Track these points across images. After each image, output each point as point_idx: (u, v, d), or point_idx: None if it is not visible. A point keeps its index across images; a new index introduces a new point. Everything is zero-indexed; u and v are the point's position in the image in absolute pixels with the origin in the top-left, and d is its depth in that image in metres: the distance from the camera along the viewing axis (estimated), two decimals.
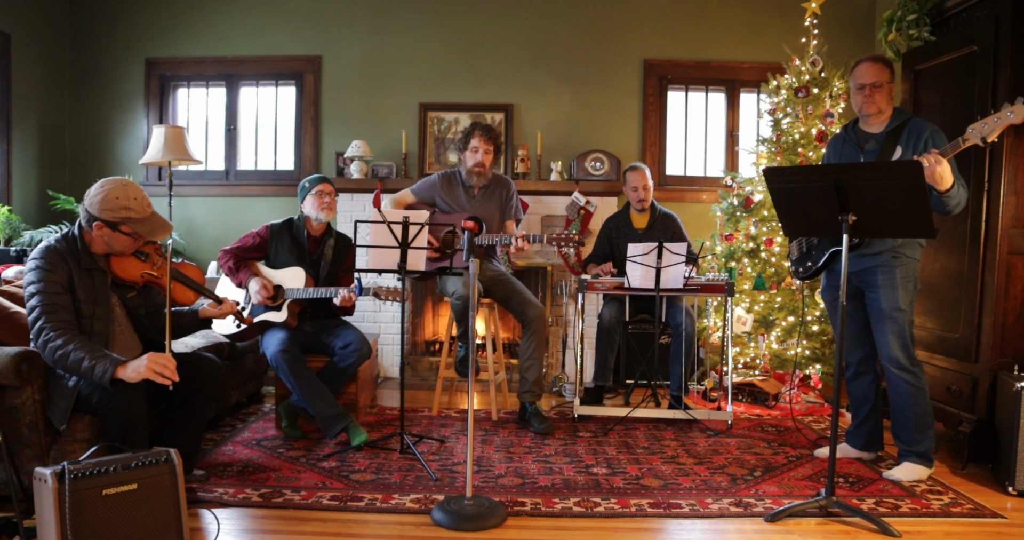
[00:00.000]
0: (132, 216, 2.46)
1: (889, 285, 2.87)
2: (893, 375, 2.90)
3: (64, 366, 2.33)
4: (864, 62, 2.93)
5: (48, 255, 2.42)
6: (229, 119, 5.26)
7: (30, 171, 4.84)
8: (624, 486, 2.80)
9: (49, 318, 2.35)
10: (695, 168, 5.26)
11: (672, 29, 5.09)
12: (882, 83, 2.89)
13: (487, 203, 3.80)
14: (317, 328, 3.45)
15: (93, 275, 2.51)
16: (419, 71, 5.08)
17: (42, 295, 2.37)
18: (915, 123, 2.88)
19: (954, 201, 2.69)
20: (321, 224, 3.50)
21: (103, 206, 2.44)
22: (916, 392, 2.87)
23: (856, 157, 2.98)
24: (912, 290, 2.91)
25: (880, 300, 2.89)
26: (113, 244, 2.52)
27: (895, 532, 2.36)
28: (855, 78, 2.95)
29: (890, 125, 2.92)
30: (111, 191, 2.45)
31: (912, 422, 2.89)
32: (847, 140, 3.05)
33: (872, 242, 2.89)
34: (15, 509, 2.08)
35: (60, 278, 2.41)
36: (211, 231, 5.12)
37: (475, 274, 2.54)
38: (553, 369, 4.84)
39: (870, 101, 2.91)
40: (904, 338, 2.87)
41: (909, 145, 2.83)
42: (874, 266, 2.91)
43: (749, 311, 4.28)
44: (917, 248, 2.94)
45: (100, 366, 2.28)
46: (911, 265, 2.90)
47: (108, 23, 5.15)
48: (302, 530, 2.37)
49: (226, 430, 3.49)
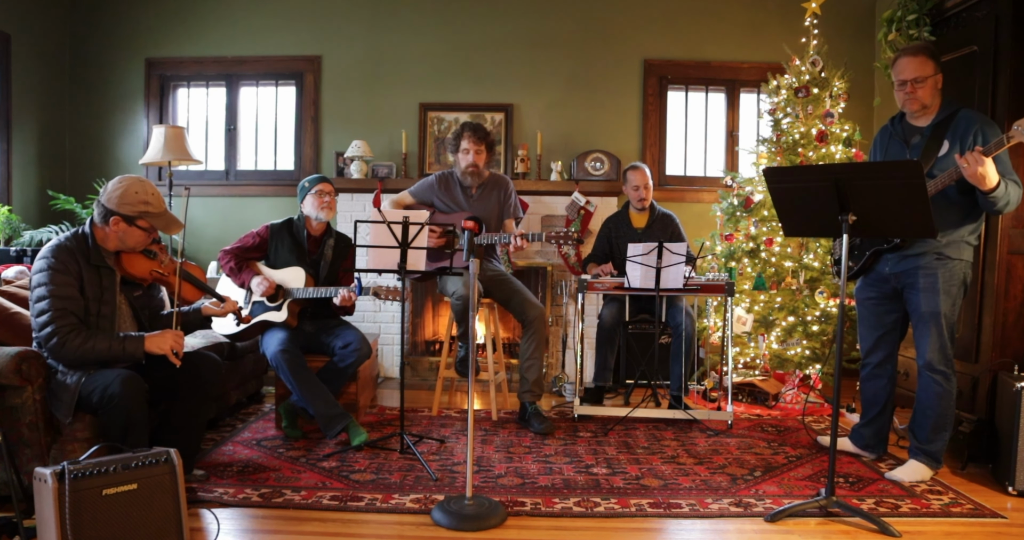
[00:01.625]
0: (150, 210, 2.54)
1: (930, 288, 2.76)
2: (925, 375, 2.82)
3: (89, 359, 2.42)
4: (904, 56, 2.74)
5: (58, 254, 2.45)
6: (229, 119, 5.26)
7: (30, 171, 4.84)
8: (624, 486, 2.80)
9: (61, 322, 2.39)
10: (695, 168, 5.26)
11: (672, 29, 5.09)
12: (925, 77, 2.70)
13: (485, 202, 3.80)
14: (317, 328, 3.45)
15: (101, 273, 2.54)
16: (419, 71, 5.08)
17: (53, 298, 2.39)
18: (964, 115, 2.70)
19: (1002, 201, 2.57)
20: (321, 224, 3.50)
21: (122, 201, 2.50)
22: (944, 395, 2.81)
23: (902, 153, 2.83)
24: (956, 294, 2.77)
25: (920, 303, 2.79)
26: (127, 240, 2.56)
27: (895, 532, 2.36)
28: (895, 73, 2.77)
29: (937, 117, 2.74)
30: (130, 186, 2.53)
31: (931, 422, 2.84)
32: (893, 135, 2.89)
33: (914, 242, 2.76)
34: (15, 509, 2.08)
35: (71, 278, 2.45)
36: (211, 231, 5.12)
37: (475, 274, 2.55)
38: (553, 369, 4.83)
39: (912, 98, 2.74)
40: (943, 341, 2.77)
41: (956, 139, 2.68)
42: (915, 267, 2.79)
43: (749, 311, 4.28)
44: (964, 248, 2.77)
45: (130, 344, 2.45)
46: (956, 267, 2.76)
47: (108, 23, 5.16)
48: (302, 530, 2.37)
49: (226, 430, 3.49)
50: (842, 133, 4.23)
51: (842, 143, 4.20)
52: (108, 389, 2.35)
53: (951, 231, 2.75)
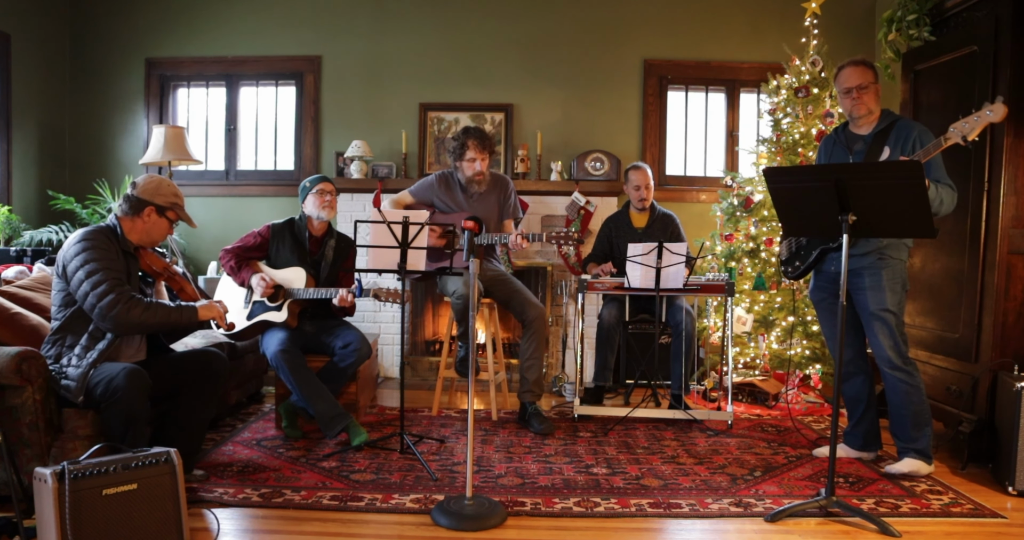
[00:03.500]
0: (179, 202, 2.74)
1: (876, 287, 2.90)
2: (888, 375, 2.92)
3: (151, 325, 2.54)
4: (847, 67, 2.97)
5: (95, 235, 2.56)
6: (229, 119, 5.26)
7: (30, 171, 4.84)
8: (624, 486, 2.80)
9: (121, 290, 2.48)
10: (695, 168, 5.26)
11: (672, 29, 5.09)
12: (867, 84, 2.91)
13: (485, 202, 3.80)
14: (317, 328, 3.45)
15: (128, 260, 2.63)
16: (419, 71, 5.08)
17: (105, 270, 2.48)
18: (903, 123, 2.91)
19: (935, 203, 2.67)
20: (322, 224, 3.50)
21: (158, 191, 2.67)
22: (912, 390, 2.89)
23: (845, 158, 3.01)
24: (900, 291, 2.93)
25: (868, 302, 2.91)
26: (153, 232, 2.70)
27: (895, 532, 2.36)
28: (840, 83, 2.99)
29: (878, 127, 2.95)
30: (163, 180, 2.72)
31: (909, 420, 2.89)
32: (836, 142, 3.08)
33: (857, 242, 2.90)
34: (15, 509, 2.08)
35: (113, 255, 2.55)
36: (211, 231, 5.11)
37: (475, 274, 2.55)
38: (553, 369, 4.83)
39: (859, 103, 2.94)
40: (895, 338, 2.89)
41: (897, 146, 2.85)
42: (860, 268, 2.93)
43: (749, 311, 4.28)
44: (903, 249, 2.95)
45: (186, 311, 2.61)
46: (898, 266, 2.92)
47: (108, 23, 5.15)
48: (302, 530, 2.37)
49: (226, 430, 3.49)
50: None
51: None
52: (112, 382, 2.37)
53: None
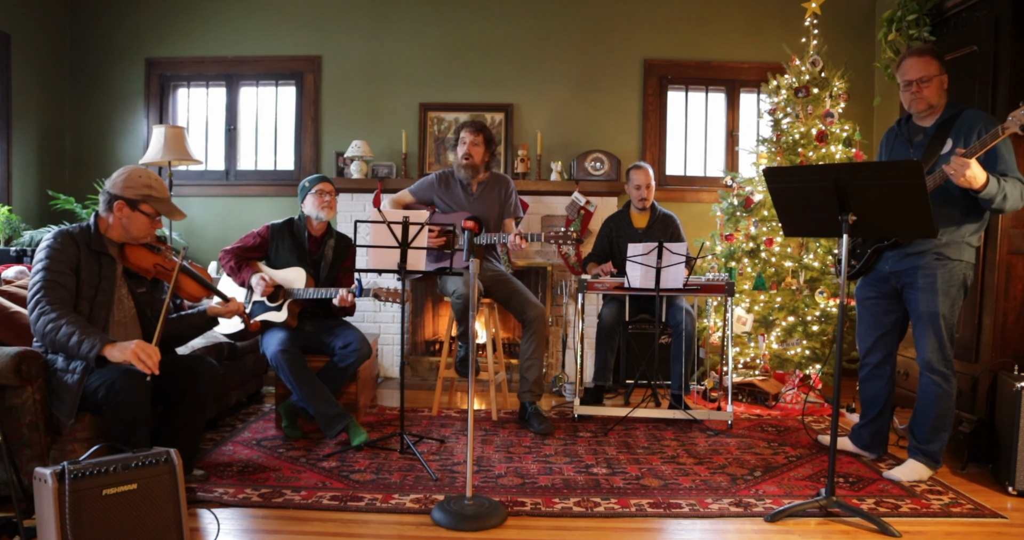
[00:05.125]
0: (153, 194, 2.57)
1: (929, 289, 2.76)
2: (925, 376, 2.83)
3: (53, 340, 2.36)
4: (909, 56, 2.77)
5: (59, 236, 2.51)
6: (229, 119, 5.26)
7: (30, 171, 4.84)
8: (624, 486, 2.80)
9: (47, 293, 2.40)
10: (695, 168, 5.26)
11: (672, 29, 5.09)
12: (930, 77, 2.74)
13: (485, 201, 3.80)
14: (317, 328, 3.45)
15: (101, 261, 2.56)
16: (419, 71, 5.08)
17: (46, 272, 2.43)
18: (969, 114, 2.72)
19: (998, 198, 2.55)
20: (322, 224, 3.50)
21: (126, 184, 2.55)
22: (943, 395, 2.81)
23: (906, 152, 2.86)
24: (956, 295, 2.77)
25: (919, 303, 2.79)
26: (131, 227, 2.58)
27: (895, 532, 2.36)
28: (901, 74, 2.80)
29: (942, 117, 2.77)
30: (134, 171, 2.59)
31: (931, 422, 2.84)
32: (898, 135, 2.93)
33: (914, 241, 2.77)
34: (15, 509, 2.08)
35: (67, 258, 2.47)
36: (211, 231, 5.12)
37: (475, 274, 2.55)
38: (553, 369, 4.83)
39: (918, 98, 2.77)
40: (941, 342, 2.77)
41: (960, 137, 2.69)
42: (915, 267, 2.80)
43: (749, 311, 4.28)
44: (965, 249, 2.77)
45: (89, 341, 2.32)
46: (956, 268, 2.76)
47: (108, 23, 5.16)
48: (302, 530, 2.37)
49: (226, 430, 3.49)
50: (842, 133, 4.23)
51: (842, 143, 4.21)
52: (114, 385, 2.35)
53: (951, 230, 2.75)
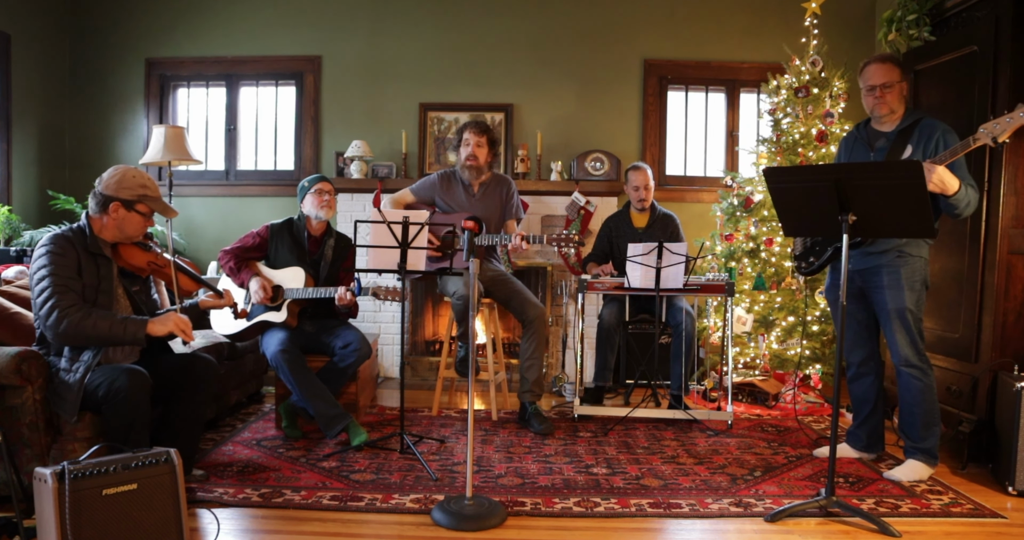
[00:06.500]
0: (148, 194, 2.59)
1: (895, 286, 2.85)
2: (903, 372, 2.88)
3: (88, 337, 2.40)
4: (872, 63, 2.89)
5: (56, 240, 2.50)
6: (229, 119, 5.26)
7: (30, 171, 4.84)
8: (624, 486, 2.80)
9: (62, 298, 2.40)
10: (695, 168, 5.26)
11: (672, 29, 5.09)
12: (892, 83, 2.85)
13: (487, 202, 3.80)
14: (317, 328, 3.45)
15: (98, 262, 2.56)
16: (419, 71, 5.08)
17: (54, 277, 2.42)
18: (927, 123, 2.84)
19: (963, 203, 2.66)
20: (321, 224, 3.50)
21: (121, 185, 2.55)
22: (925, 389, 2.86)
23: (866, 156, 2.95)
24: (919, 289, 2.87)
25: (887, 301, 2.87)
26: (125, 227, 2.59)
27: (895, 532, 2.36)
28: (864, 79, 2.91)
29: (901, 124, 2.88)
30: (127, 171, 2.58)
31: (920, 419, 2.87)
32: (858, 139, 3.02)
33: (876, 240, 2.86)
34: (15, 509, 2.08)
35: (69, 262, 2.47)
36: (211, 231, 5.12)
37: (475, 274, 2.55)
38: (553, 369, 4.83)
39: (881, 102, 2.87)
40: (913, 337, 2.85)
41: (920, 145, 2.80)
42: (878, 266, 2.88)
43: (749, 311, 4.28)
44: (923, 246, 2.89)
45: (131, 325, 2.43)
46: (917, 264, 2.87)
47: (108, 23, 5.15)
48: (302, 530, 2.37)
49: (226, 430, 3.49)
50: (842, 133, 4.23)
51: None
52: (115, 383, 2.36)
53: None
